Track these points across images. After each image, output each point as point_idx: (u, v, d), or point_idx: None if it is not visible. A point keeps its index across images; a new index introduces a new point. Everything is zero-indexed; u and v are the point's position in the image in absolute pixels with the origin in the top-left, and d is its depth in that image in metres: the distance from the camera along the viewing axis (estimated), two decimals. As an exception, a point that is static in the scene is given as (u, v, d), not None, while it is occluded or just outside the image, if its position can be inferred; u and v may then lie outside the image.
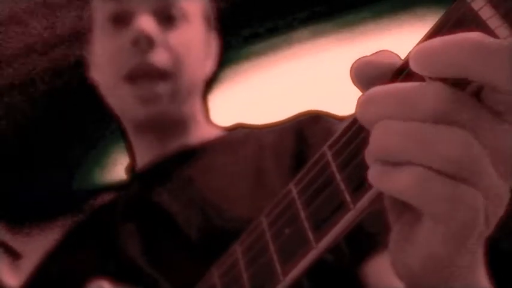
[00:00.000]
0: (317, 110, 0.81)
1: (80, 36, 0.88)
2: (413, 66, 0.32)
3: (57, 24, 2.15)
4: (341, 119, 0.78)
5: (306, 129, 0.76)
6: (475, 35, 0.30)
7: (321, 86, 1.87)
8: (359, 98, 0.34)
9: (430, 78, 0.32)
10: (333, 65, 1.85)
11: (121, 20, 0.79)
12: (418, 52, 0.32)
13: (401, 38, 1.88)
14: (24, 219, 2.20)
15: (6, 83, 2.34)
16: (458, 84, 0.32)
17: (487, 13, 0.30)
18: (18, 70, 2.32)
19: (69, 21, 2.11)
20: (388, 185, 0.33)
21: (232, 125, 0.89)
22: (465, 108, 0.32)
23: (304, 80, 1.98)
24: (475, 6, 0.31)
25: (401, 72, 0.34)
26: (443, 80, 0.32)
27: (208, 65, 0.88)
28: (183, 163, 0.80)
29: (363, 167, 0.35)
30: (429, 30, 0.34)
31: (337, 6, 2.05)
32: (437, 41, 0.31)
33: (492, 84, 0.31)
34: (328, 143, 0.39)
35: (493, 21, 0.30)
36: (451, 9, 0.32)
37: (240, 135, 0.83)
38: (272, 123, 0.83)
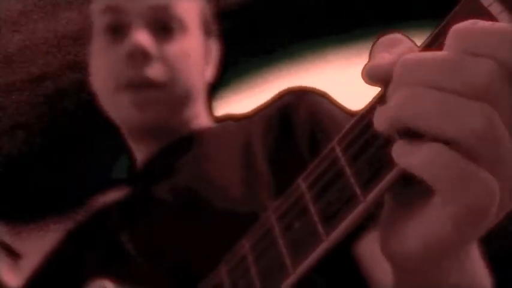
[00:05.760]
0: (301, 86, 0.80)
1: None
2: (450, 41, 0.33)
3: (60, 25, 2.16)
4: (326, 95, 0.78)
5: (291, 110, 0.76)
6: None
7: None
8: (404, 58, 0.34)
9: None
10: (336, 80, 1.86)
11: (118, 31, 0.79)
12: (458, 30, 0.33)
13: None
14: (24, 219, 2.21)
15: (10, 81, 2.34)
16: None
17: (496, 8, 0.32)
18: (18, 69, 2.33)
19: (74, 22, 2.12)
20: (408, 160, 0.33)
21: (221, 116, 0.90)
22: (505, 92, 0.32)
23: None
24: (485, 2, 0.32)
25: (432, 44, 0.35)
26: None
27: (208, 71, 0.89)
28: (173, 154, 0.81)
29: (373, 161, 0.36)
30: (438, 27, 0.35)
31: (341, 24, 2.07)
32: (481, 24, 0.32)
33: None
34: (337, 137, 0.40)
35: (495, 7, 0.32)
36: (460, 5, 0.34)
37: (229, 126, 0.85)
38: (257, 108, 0.84)
